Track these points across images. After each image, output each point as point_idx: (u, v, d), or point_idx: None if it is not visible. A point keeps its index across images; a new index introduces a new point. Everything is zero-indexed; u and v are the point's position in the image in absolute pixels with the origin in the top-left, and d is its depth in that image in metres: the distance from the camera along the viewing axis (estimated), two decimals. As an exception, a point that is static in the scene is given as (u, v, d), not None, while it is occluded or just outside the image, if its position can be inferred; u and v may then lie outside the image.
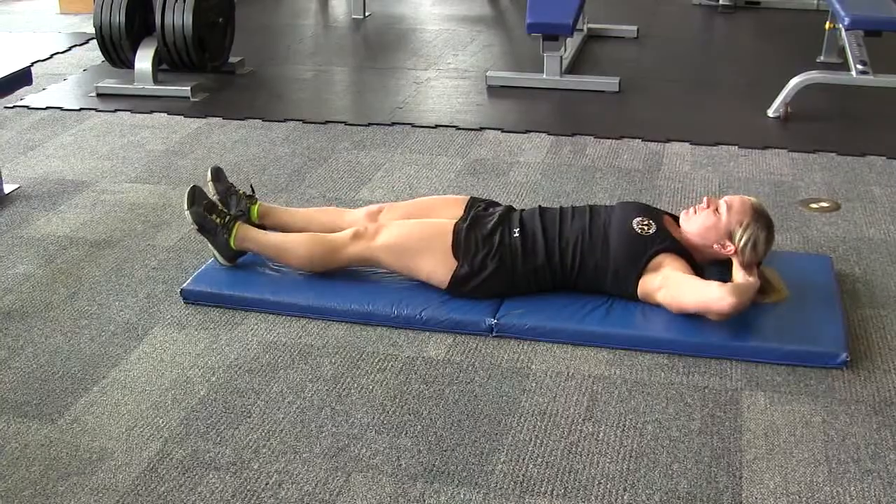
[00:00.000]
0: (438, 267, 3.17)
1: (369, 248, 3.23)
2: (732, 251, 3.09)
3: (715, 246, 3.12)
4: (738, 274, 3.07)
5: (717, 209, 3.13)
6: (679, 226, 3.22)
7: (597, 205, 3.28)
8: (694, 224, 3.16)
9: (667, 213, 3.28)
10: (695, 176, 4.37)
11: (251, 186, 3.57)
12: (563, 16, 5.51)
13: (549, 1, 5.67)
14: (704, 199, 3.19)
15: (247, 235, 3.35)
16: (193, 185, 3.37)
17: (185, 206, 3.32)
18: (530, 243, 3.15)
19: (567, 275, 3.15)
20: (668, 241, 3.11)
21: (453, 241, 3.18)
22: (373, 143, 4.85)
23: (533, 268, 3.15)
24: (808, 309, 3.11)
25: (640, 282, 3.08)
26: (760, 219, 3.11)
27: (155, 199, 4.19)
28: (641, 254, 3.08)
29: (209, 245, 3.37)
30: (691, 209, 3.20)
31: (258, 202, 3.53)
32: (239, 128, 5.11)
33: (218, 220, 3.33)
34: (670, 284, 3.02)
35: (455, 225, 3.23)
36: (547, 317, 3.07)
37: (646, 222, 3.14)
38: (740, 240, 3.07)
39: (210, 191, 3.48)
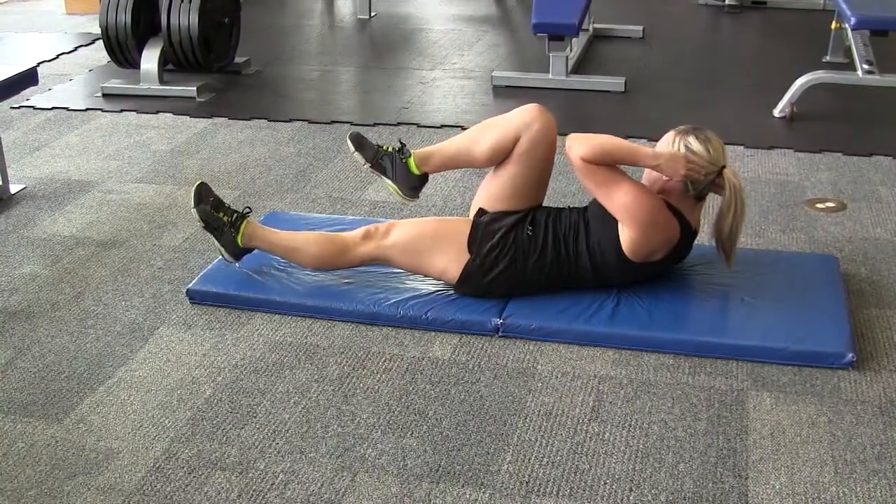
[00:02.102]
0: (451, 263, 3.17)
1: (381, 246, 3.23)
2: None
3: (665, 177, 3.06)
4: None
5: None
6: None
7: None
8: (648, 180, 3.13)
9: None
10: (700, 176, 4.37)
11: (400, 141, 3.44)
12: (569, 16, 5.51)
13: (554, 1, 5.67)
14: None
15: (255, 234, 3.33)
16: (200, 182, 3.34)
17: (192, 204, 3.30)
18: (541, 241, 3.15)
19: (571, 268, 3.15)
20: None
21: (470, 235, 3.18)
22: (379, 143, 4.84)
23: (543, 264, 3.15)
24: (814, 309, 3.10)
25: (620, 236, 3.04)
26: (687, 132, 3.06)
27: (161, 200, 4.20)
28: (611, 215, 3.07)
29: (215, 242, 3.35)
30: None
31: (412, 153, 3.37)
32: (244, 128, 5.11)
33: (225, 218, 3.31)
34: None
35: (474, 219, 3.24)
36: (553, 317, 3.07)
37: None
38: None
39: (359, 161, 3.39)
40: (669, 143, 3.07)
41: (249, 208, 3.43)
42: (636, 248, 3.04)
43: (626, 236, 3.03)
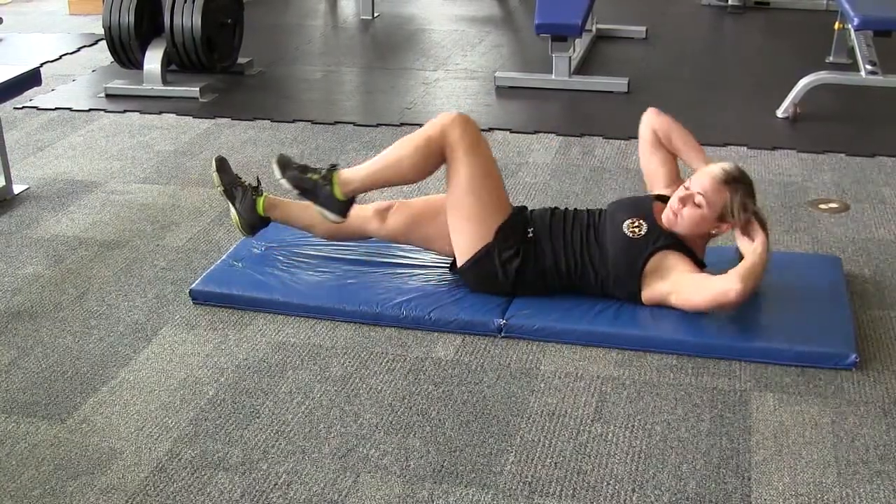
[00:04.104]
0: (474, 237, 3.16)
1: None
2: (729, 227, 3.06)
3: (712, 231, 3.10)
4: (743, 241, 3.03)
5: (694, 203, 3.03)
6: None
7: (592, 210, 3.25)
8: (682, 226, 3.06)
9: (656, 199, 3.22)
10: (704, 176, 4.36)
11: (257, 178, 3.55)
12: (572, 16, 5.51)
13: (558, 1, 5.67)
14: (675, 199, 3.08)
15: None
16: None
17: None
18: (540, 245, 3.15)
19: (572, 280, 3.15)
20: (662, 239, 3.06)
21: (507, 220, 3.16)
22: (381, 144, 4.83)
23: (542, 270, 3.14)
24: (818, 310, 3.10)
25: (645, 287, 3.07)
26: (737, 185, 3.03)
27: (164, 200, 4.20)
28: (637, 257, 3.05)
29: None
30: (668, 213, 3.08)
31: (264, 194, 3.48)
32: (248, 128, 5.11)
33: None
34: (679, 289, 3.00)
35: (513, 208, 3.24)
36: (556, 317, 3.07)
37: (636, 223, 3.09)
38: (733, 213, 3.02)
39: (214, 182, 3.46)
40: (723, 198, 3.01)
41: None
42: (658, 303, 3.08)
43: (664, 302, 3.05)
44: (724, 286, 2.89)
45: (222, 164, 3.48)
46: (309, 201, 3.26)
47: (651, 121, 3.39)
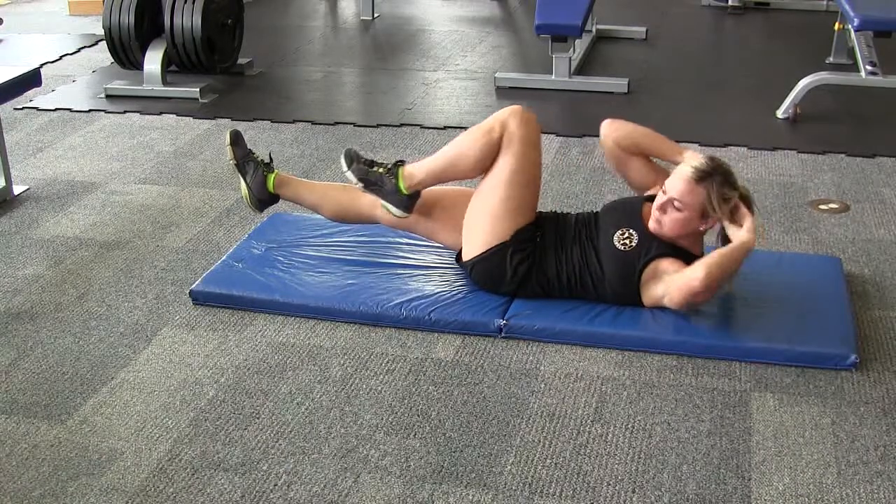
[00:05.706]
0: (491, 233, 3.14)
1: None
2: (716, 220, 3.01)
3: (701, 229, 3.05)
4: (732, 229, 2.97)
5: (673, 207, 2.99)
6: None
7: (589, 216, 3.23)
8: (667, 231, 3.03)
9: (646, 200, 3.17)
10: (704, 177, 4.36)
11: (269, 155, 3.53)
12: (572, 17, 5.51)
13: (558, 2, 5.67)
14: (655, 205, 3.04)
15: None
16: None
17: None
18: (545, 253, 3.15)
19: (573, 292, 3.15)
20: (654, 249, 3.03)
21: (527, 225, 3.16)
22: (381, 145, 4.85)
23: (546, 278, 3.14)
24: (818, 310, 3.10)
25: (645, 295, 3.06)
26: (711, 180, 2.97)
27: (164, 201, 4.20)
28: (631, 271, 3.05)
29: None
30: (652, 221, 3.04)
31: (276, 171, 3.45)
32: (248, 129, 5.10)
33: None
34: (666, 290, 3.00)
35: (538, 213, 3.24)
36: (556, 318, 3.07)
37: (626, 234, 3.07)
38: (714, 208, 2.96)
39: (228, 155, 3.45)
40: (700, 195, 2.95)
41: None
42: (658, 305, 3.06)
43: (658, 303, 3.05)
44: (689, 275, 2.88)
45: (237, 138, 3.46)
46: (374, 195, 3.28)
47: (611, 134, 3.27)
